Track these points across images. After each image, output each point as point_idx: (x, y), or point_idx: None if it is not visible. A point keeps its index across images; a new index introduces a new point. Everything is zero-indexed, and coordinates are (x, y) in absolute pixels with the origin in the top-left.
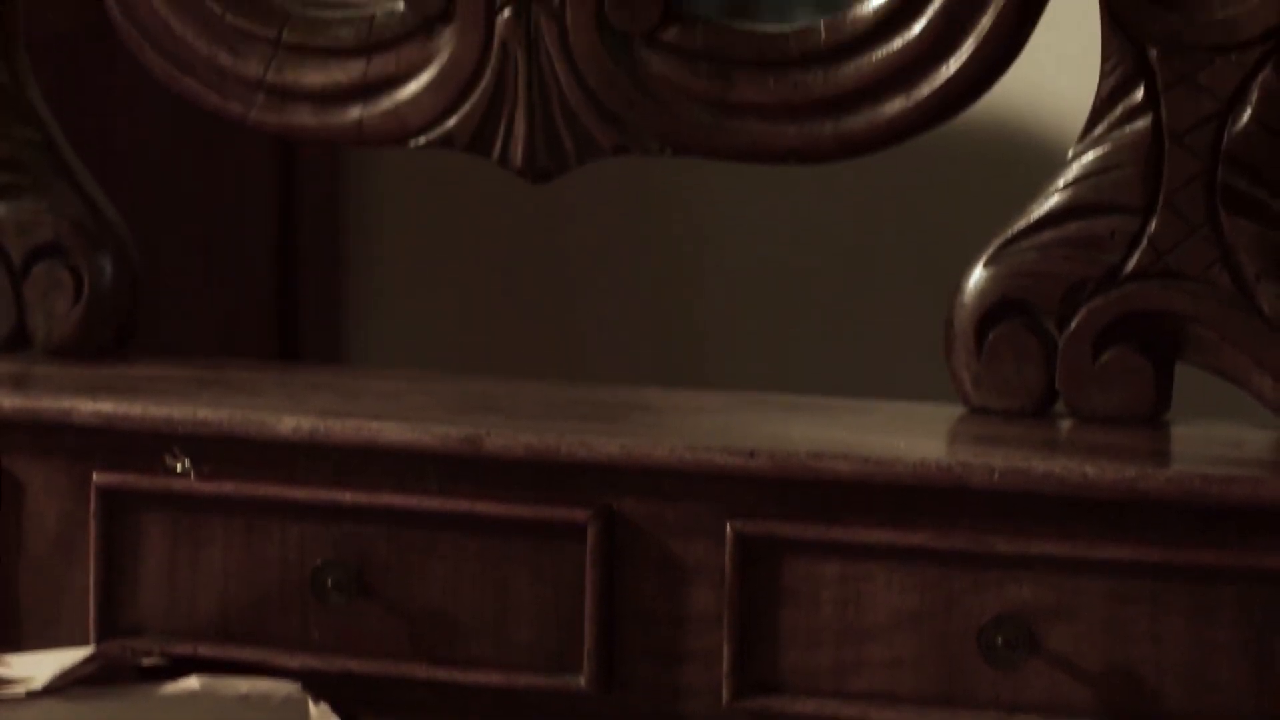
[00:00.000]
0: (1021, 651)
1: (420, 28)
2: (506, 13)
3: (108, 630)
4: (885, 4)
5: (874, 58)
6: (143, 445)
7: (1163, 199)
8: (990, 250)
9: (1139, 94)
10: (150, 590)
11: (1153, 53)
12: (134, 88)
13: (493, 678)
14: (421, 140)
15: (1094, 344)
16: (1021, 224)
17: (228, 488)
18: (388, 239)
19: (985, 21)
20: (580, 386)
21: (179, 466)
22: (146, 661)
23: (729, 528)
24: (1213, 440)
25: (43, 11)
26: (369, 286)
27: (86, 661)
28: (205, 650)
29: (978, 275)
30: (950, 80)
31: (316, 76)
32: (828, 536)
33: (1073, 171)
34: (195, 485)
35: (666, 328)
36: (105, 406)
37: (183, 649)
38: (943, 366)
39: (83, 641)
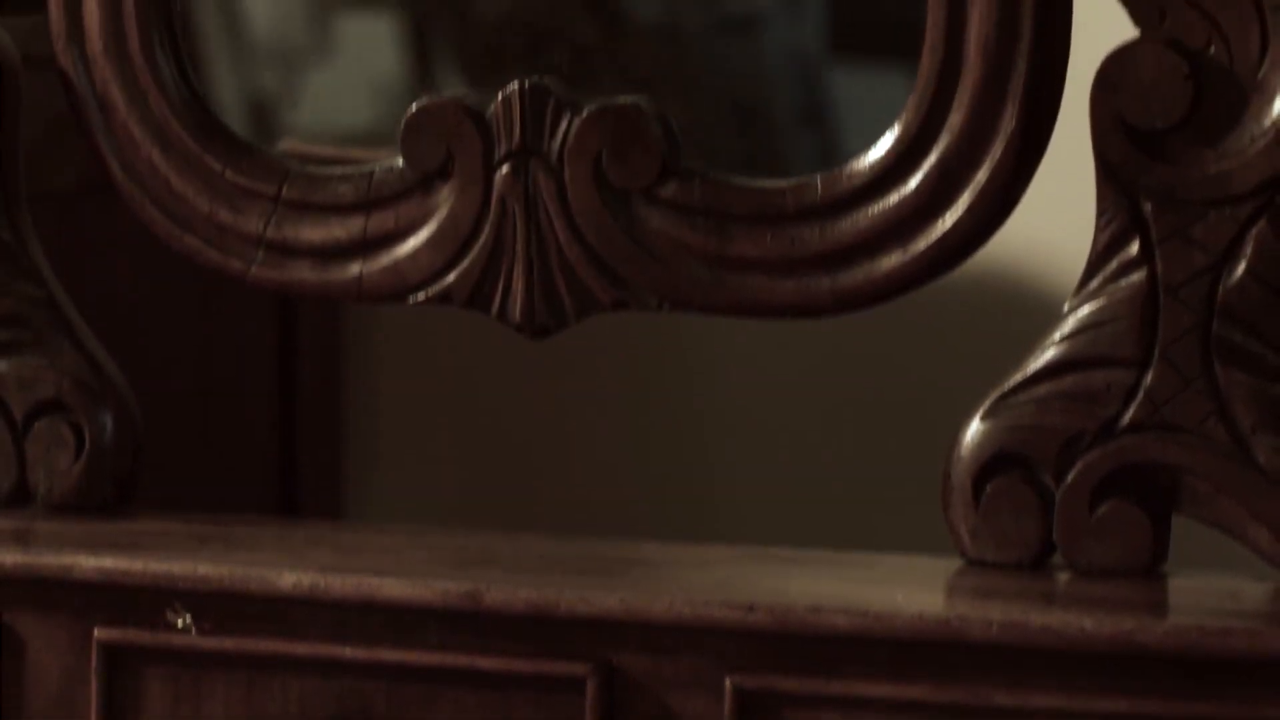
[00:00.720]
0: None
1: (419, 184)
2: (505, 169)
3: None
4: (881, 159)
5: (870, 212)
6: (144, 601)
7: (1158, 352)
8: (987, 404)
9: (1134, 248)
10: None
11: (1147, 207)
12: (134, 244)
13: None
14: (420, 296)
15: (1091, 497)
16: (1018, 377)
17: (228, 644)
18: (387, 393)
19: (981, 176)
20: (580, 540)
21: (180, 622)
22: None
23: (728, 682)
24: (1210, 592)
25: (43, 168)
26: (369, 440)
27: None
28: None
29: (975, 429)
30: (946, 234)
31: (316, 233)
32: (826, 690)
33: (1069, 325)
34: (196, 641)
35: (666, 481)
36: (106, 562)
37: None
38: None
39: None
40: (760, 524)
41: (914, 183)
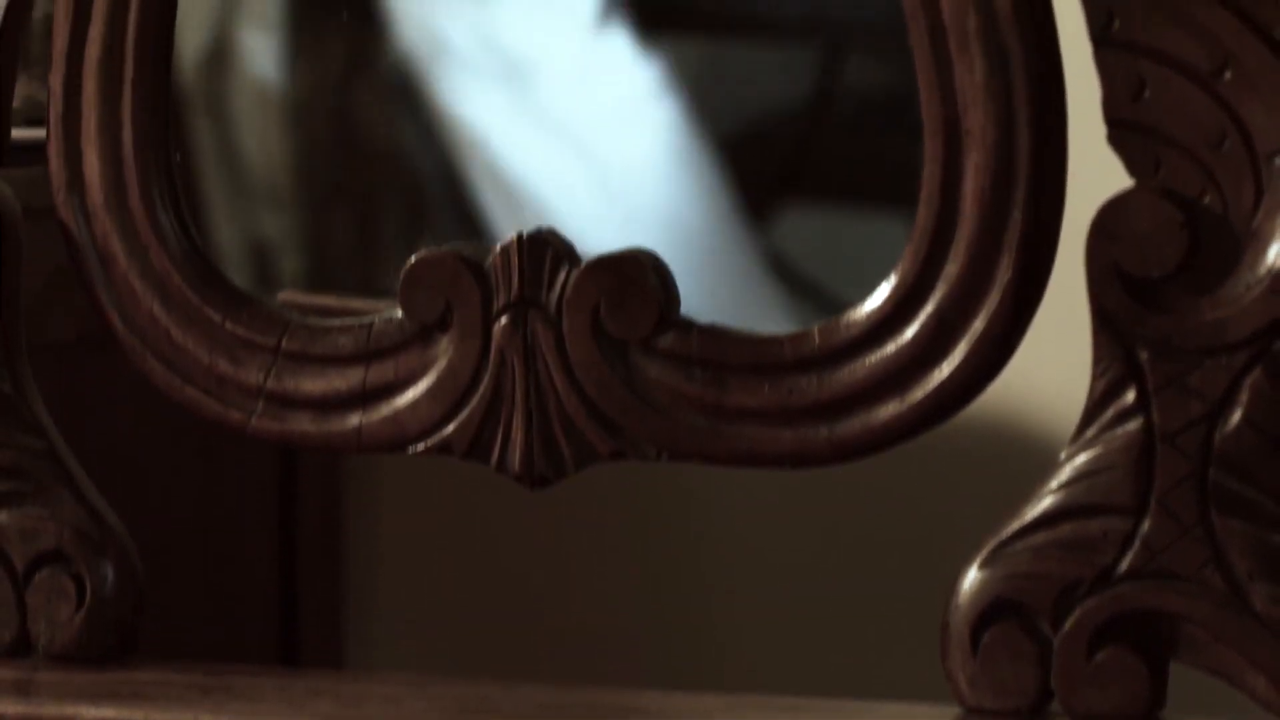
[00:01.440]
0: None
1: (418, 335)
2: (503, 320)
3: None
4: (878, 308)
5: (868, 362)
6: None
7: (1155, 500)
8: (985, 552)
9: (1130, 396)
10: None
11: (1143, 355)
12: (134, 395)
13: None
14: (420, 447)
15: (1088, 644)
16: (1015, 526)
17: None
18: (387, 542)
19: (978, 325)
20: (580, 690)
21: None
22: None
23: None
24: None
25: (44, 319)
26: (369, 589)
27: None
28: None
29: (972, 577)
30: (943, 384)
31: (316, 384)
32: None
33: (1065, 474)
34: None
35: (667, 629)
36: (108, 713)
37: None
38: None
39: None
40: (761, 669)
41: (911, 333)
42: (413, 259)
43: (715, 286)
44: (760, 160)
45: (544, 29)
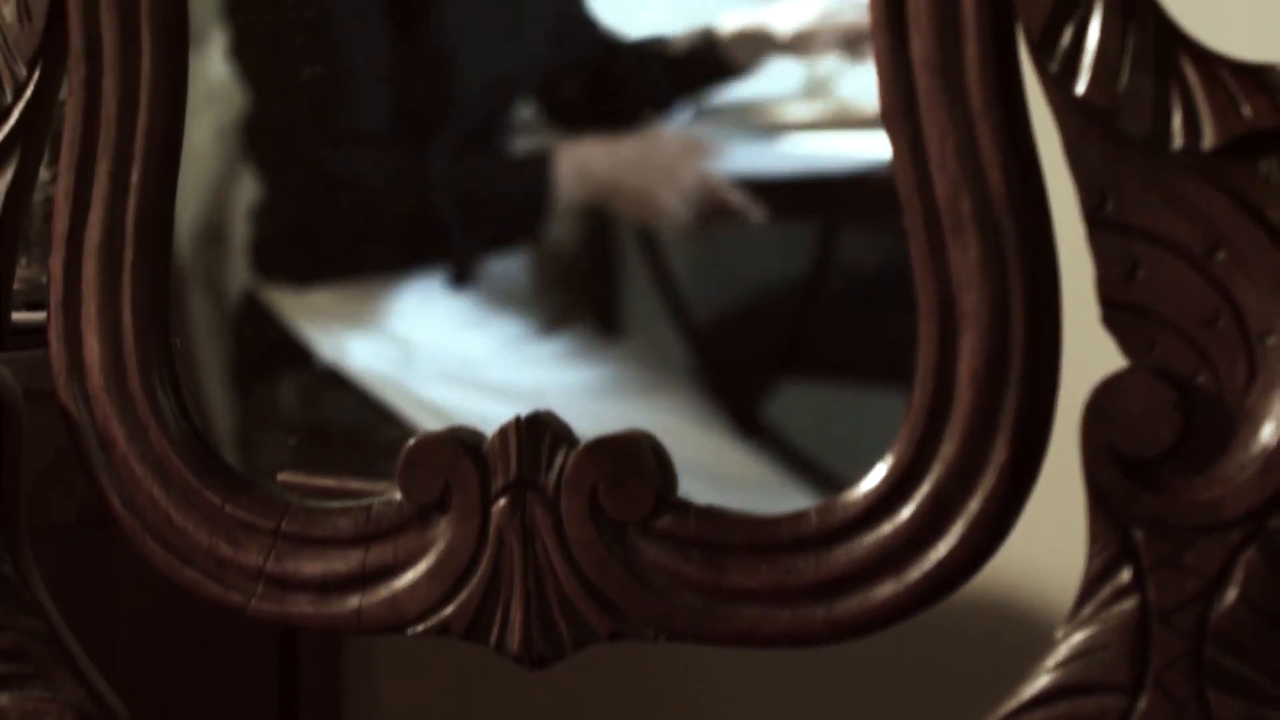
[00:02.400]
0: None
1: (417, 517)
2: (502, 502)
3: None
4: (875, 489)
5: (864, 542)
6: None
7: (1151, 678)
8: None
9: (1125, 575)
10: None
11: (1138, 534)
12: (135, 576)
13: None
14: (419, 628)
15: None
16: (1013, 704)
17: None
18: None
19: (974, 506)
20: None
21: None
22: None
23: None
24: None
25: (45, 501)
26: None
27: None
28: None
29: None
30: (940, 563)
31: (315, 566)
32: None
33: (1062, 652)
34: None
35: None
36: None
37: None
38: None
39: None
40: None
41: (907, 513)
42: (411, 441)
43: (712, 464)
44: (757, 336)
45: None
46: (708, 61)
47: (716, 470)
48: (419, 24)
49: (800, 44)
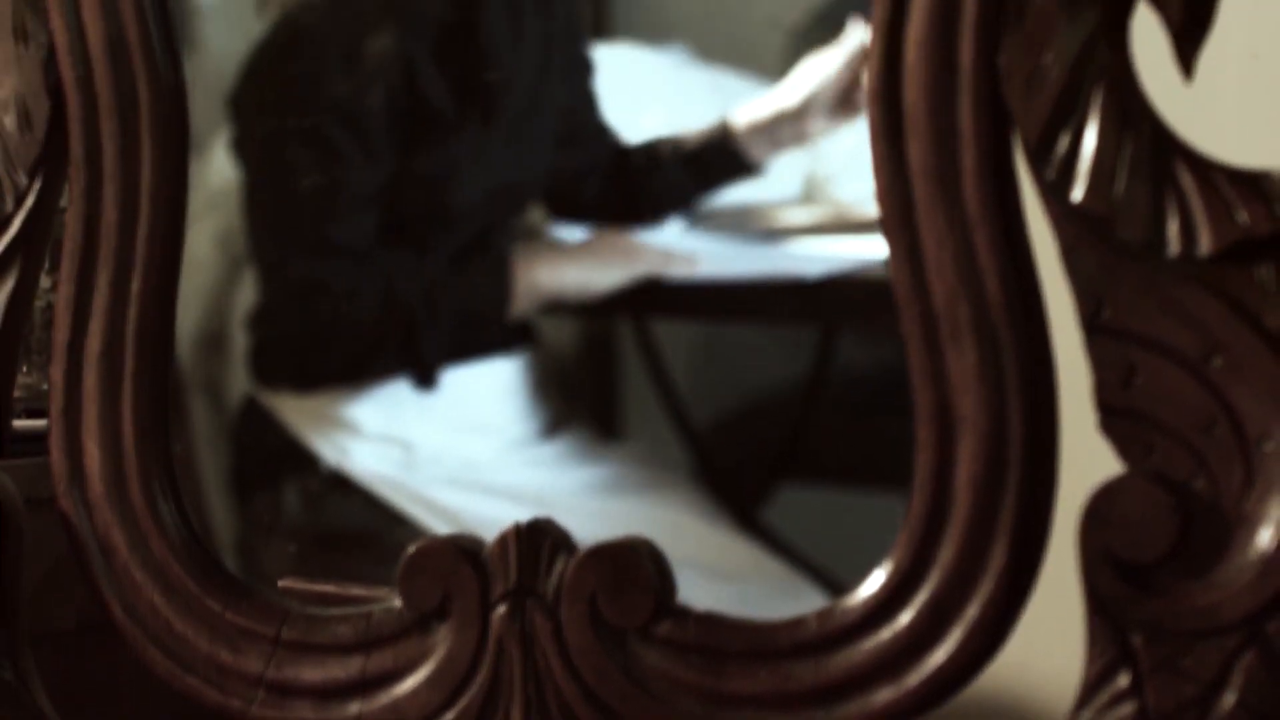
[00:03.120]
0: None
1: (417, 624)
2: (502, 609)
3: None
4: (873, 595)
5: (863, 648)
6: None
7: None
8: None
9: (1124, 680)
10: None
11: (1137, 639)
12: (135, 683)
13: None
14: None
15: None
16: None
17: None
18: None
19: (972, 611)
20: None
21: None
22: None
23: None
24: None
25: (45, 608)
26: None
27: None
28: None
29: None
30: (939, 669)
31: (316, 673)
32: None
33: None
34: None
35: None
36: None
37: None
38: None
39: None
40: None
41: (906, 619)
42: (412, 548)
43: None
44: (756, 438)
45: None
46: (722, 157)
47: (717, 565)
48: (422, 141)
49: (805, 112)
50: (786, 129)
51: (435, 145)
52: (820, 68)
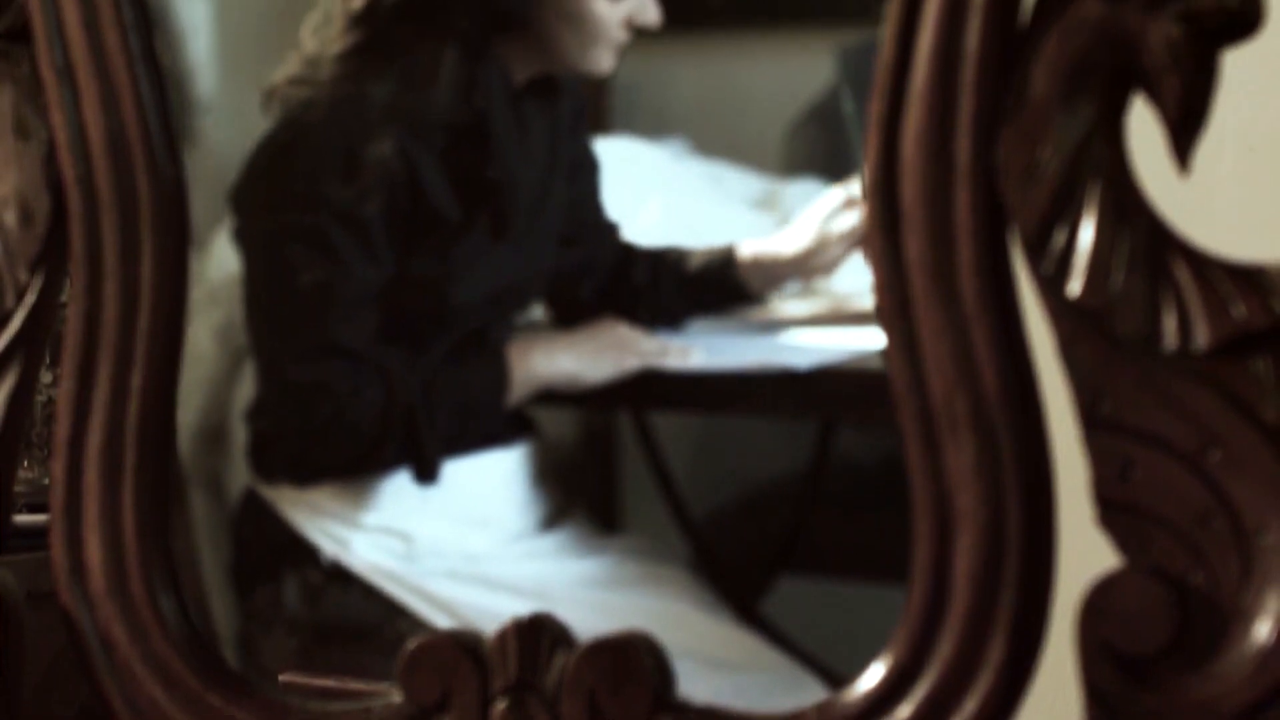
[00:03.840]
0: None
1: (417, 718)
2: (501, 704)
3: None
4: (873, 690)
5: None
6: None
7: None
8: None
9: None
10: None
11: None
12: None
13: None
14: None
15: None
16: None
17: None
18: None
19: (971, 706)
20: None
21: None
22: None
23: None
24: None
25: (46, 703)
26: None
27: None
28: None
29: None
30: None
31: None
32: None
33: None
34: None
35: None
36: None
37: None
38: None
39: None
40: None
41: (905, 712)
42: (411, 644)
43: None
44: (755, 530)
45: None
46: (723, 284)
47: (717, 657)
48: (424, 243)
49: (812, 254)
50: (788, 268)
51: (436, 247)
52: (825, 209)
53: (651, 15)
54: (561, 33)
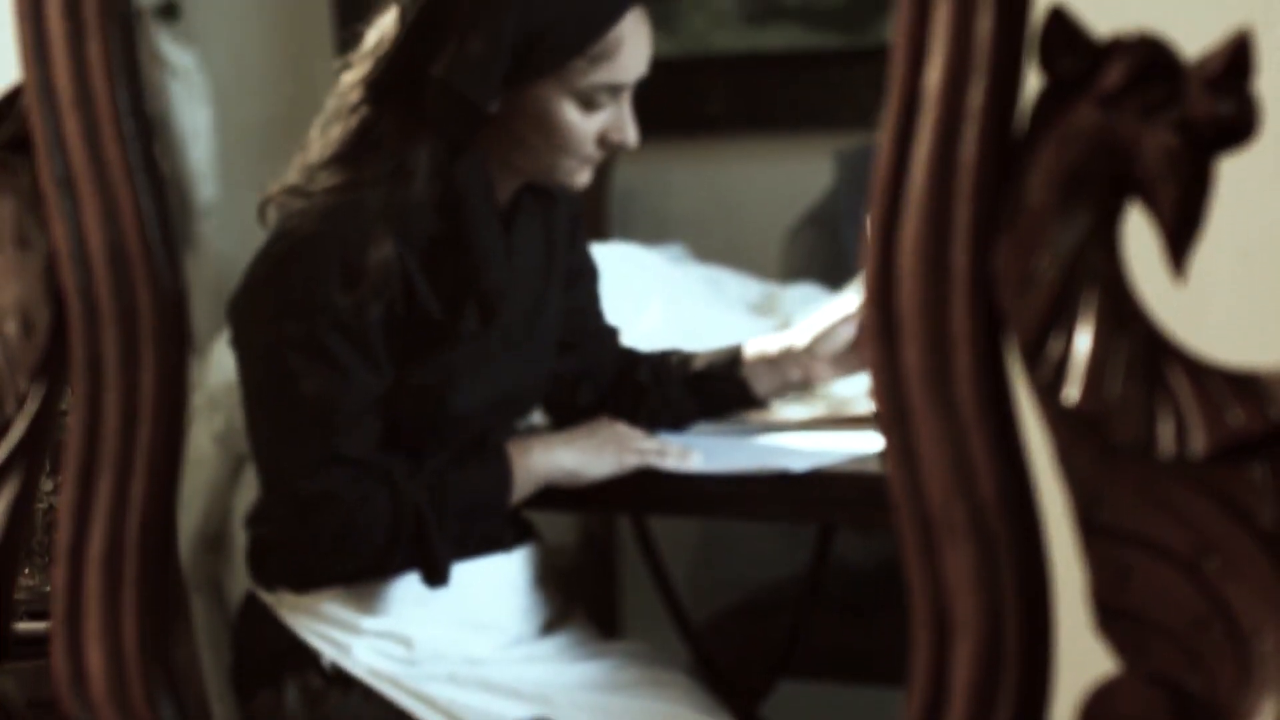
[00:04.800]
0: None
1: None
2: None
3: None
4: None
5: None
6: None
7: None
8: None
9: None
10: None
11: None
12: None
13: None
14: None
15: None
16: None
17: None
18: None
19: None
20: None
21: None
22: None
23: None
24: None
25: None
26: None
27: None
28: None
29: None
30: None
31: None
32: None
33: None
34: None
35: None
36: None
37: None
38: None
39: None
40: None
41: None
42: None
43: None
44: (754, 634)
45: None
46: (728, 385)
47: None
48: (421, 351)
49: (813, 352)
50: (793, 368)
51: (433, 355)
52: (832, 312)
53: (630, 136)
54: (534, 141)
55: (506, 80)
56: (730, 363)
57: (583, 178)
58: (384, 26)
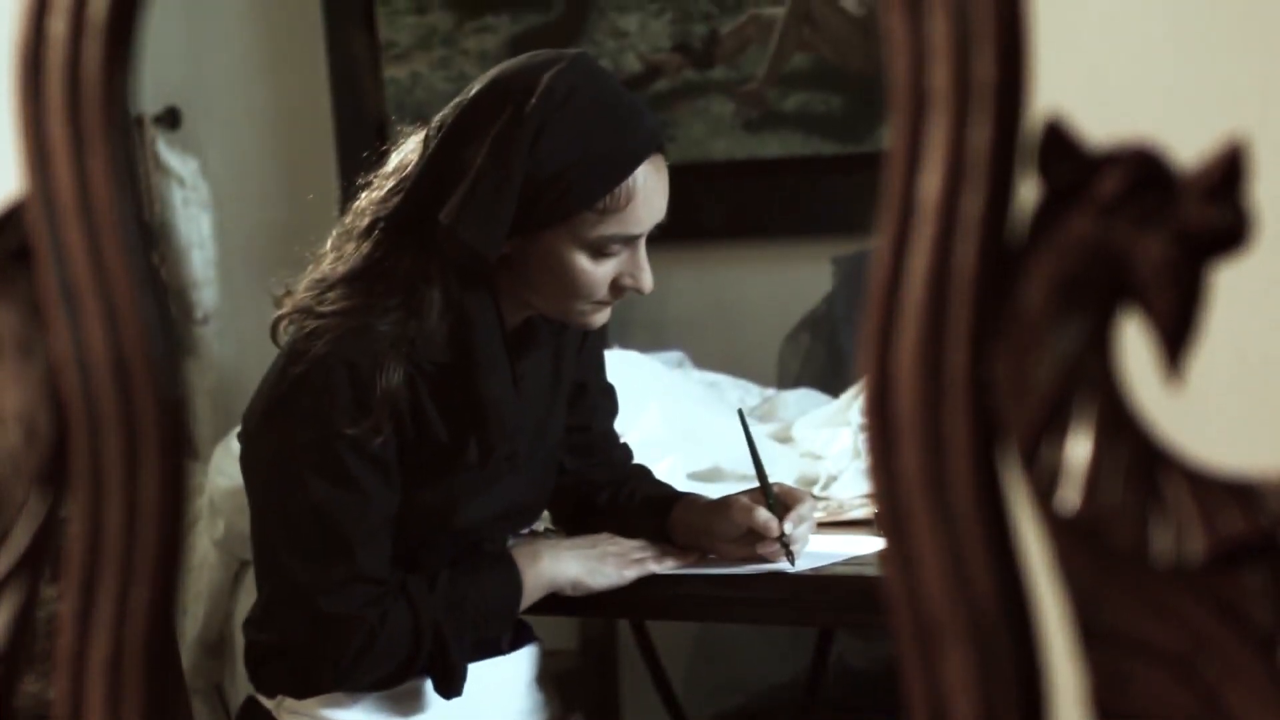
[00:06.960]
0: None
1: None
2: None
3: None
4: None
5: None
6: None
7: None
8: None
9: None
10: None
11: None
12: None
13: None
14: None
15: None
16: None
17: None
18: None
19: None
20: None
21: None
22: None
23: None
24: None
25: None
26: None
27: None
28: None
29: None
30: None
31: None
32: None
33: None
34: None
35: None
36: None
37: None
38: None
39: None
40: None
41: None
42: None
43: None
44: None
45: None
46: (656, 529)
47: None
48: (426, 473)
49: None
50: (708, 539)
51: (439, 478)
52: (753, 502)
53: (645, 283)
54: (545, 282)
55: (515, 227)
56: (660, 510)
57: (597, 319)
58: (406, 151)
